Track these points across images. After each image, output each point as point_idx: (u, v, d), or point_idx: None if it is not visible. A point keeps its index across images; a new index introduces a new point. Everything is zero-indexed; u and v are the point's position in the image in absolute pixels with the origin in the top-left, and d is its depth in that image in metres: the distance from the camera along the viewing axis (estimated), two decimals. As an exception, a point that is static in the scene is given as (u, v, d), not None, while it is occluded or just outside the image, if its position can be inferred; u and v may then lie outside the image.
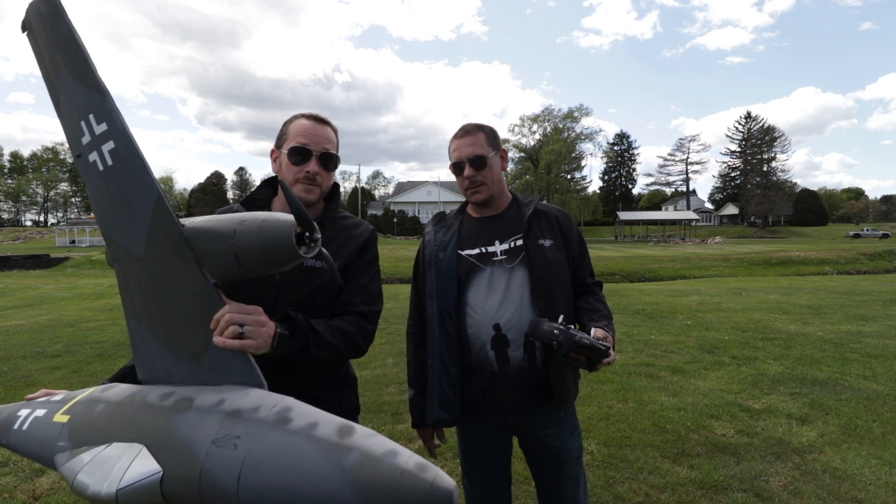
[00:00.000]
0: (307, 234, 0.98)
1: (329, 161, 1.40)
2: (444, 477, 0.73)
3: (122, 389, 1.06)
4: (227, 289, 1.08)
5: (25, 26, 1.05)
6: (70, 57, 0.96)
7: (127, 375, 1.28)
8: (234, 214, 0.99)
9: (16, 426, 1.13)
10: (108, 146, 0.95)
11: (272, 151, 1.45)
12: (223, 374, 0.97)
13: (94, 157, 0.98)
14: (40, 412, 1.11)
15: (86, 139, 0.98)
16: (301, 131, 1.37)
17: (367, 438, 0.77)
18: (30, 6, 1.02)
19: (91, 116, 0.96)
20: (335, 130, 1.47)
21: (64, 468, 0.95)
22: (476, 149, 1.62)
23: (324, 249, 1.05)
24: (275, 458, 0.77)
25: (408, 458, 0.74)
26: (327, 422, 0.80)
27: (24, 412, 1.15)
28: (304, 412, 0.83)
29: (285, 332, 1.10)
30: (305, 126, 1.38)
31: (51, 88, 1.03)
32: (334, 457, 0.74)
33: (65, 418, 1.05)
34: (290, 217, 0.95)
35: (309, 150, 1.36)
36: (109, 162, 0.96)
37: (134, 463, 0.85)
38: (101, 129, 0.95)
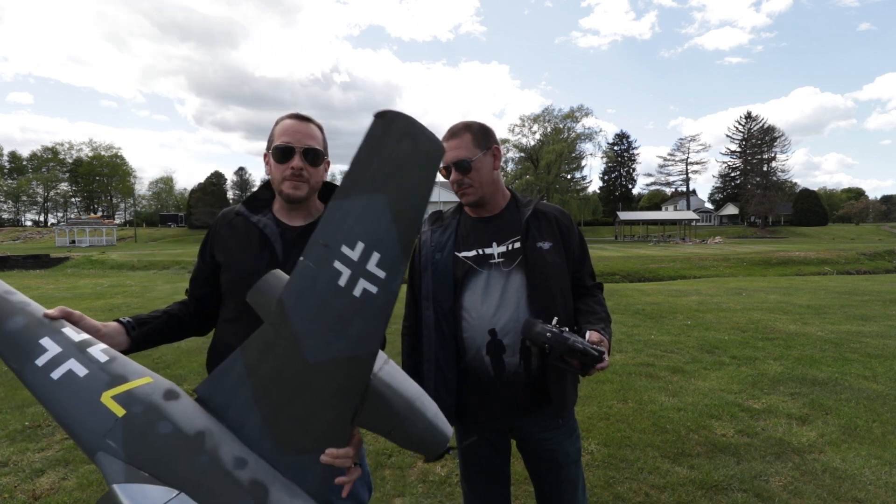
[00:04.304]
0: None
1: (314, 157, 1.43)
2: None
3: (191, 415, 0.96)
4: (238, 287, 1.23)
5: (384, 119, 0.90)
6: (407, 209, 0.90)
7: (152, 320, 1.35)
8: (411, 400, 1.02)
9: (39, 362, 0.98)
10: (366, 285, 0.92)
11: (265, 155, 1.47)
12: (299, 476, 0.96)
13: (341, 268, 0.92)
14: (79, 369, 0.97)
15: (349, 253, 0.92)
16: (284, 130, 1.41)
17: None
18: (413, 126, 0.88)
19: (375, 254, 0.91)
20: (320, 128, 1.49)
21: (118, 488, 0.86)
22: (460, 152, 1.57)
23: None
24: None
25: None
26: None
27: (49, 346, 1.00)
28: None
29: None
30: (288, 125, 1.42)
31: (352, 184, 0.91)
32: None
33: (119, 410, 0.93)
34: (448, 433, 1.06)
35: (292, 147, 1.39)
36: (356, 294, 0.92)
37: None
38: (378, 272, 0.92)
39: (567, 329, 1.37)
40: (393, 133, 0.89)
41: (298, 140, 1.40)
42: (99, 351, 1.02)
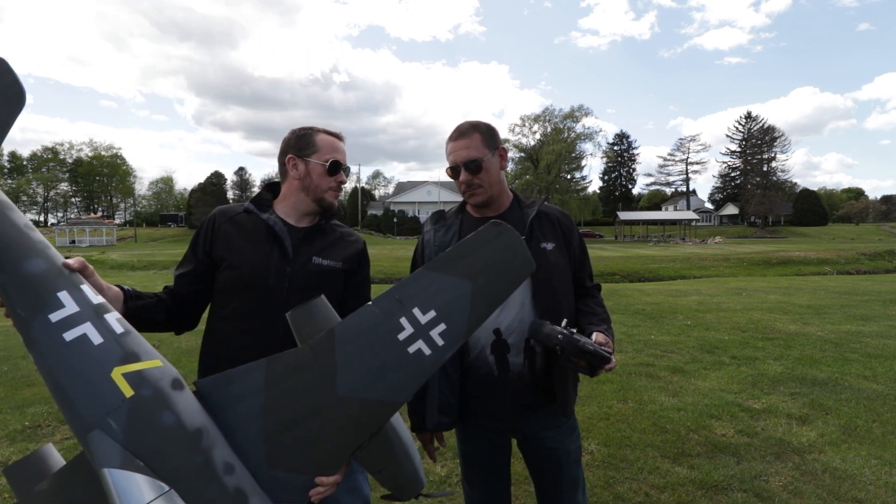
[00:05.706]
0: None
1: (347, 172, 1.61)
2: None
3: (192, 409, 0.93)
4: (240, 283, 1.41)
5: (498, 228, 1.07)
6: (484, 302, 1.05)
7: (146, 297, 1.37)
8: (407, 446, 1.15)
9: (53, 317, 0.90)
10: (422, 346, 1.02)
11: (290, 158, 1.51)
12: (279, 492, 0.97)
13: (405, 325, 1.02)
14: (94, 336, 0.90)
15: (419, 316, 1.03)
16: (335, 147, 1.55)
17: None
18: (518, 244, 1.07)
19: (442, 325, 1.03)
20: None
21: (110, 473, 0.81)
22: (471, 151, 1.57)
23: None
24: None
25: None
26: None
27: (67, 302, 0.91)
28: None
29: None
30: (336, 143, 1.57)
31: (447, 263, 1.06)
32: None
33: (128, 390, 0.87)
34: (424, 483, 1.23)
35: (341, 163, 1.56)
36: (410, 350, 1.02)
37: None
38: (438, 339, 1.02)
39: (576, 330, 1.39)
40: (500, 242, 1.07)
41: (344, 158, 1.58)
42: (115, 320, 0.95)
